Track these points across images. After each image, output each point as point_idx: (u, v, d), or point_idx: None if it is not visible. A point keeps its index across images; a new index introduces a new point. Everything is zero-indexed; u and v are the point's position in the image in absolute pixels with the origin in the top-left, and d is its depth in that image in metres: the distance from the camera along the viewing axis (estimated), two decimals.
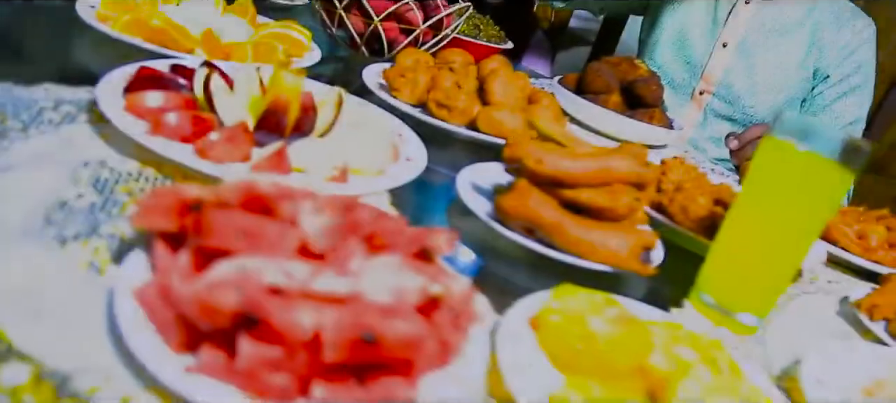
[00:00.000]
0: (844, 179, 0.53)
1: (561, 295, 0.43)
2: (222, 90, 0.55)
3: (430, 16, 0.91)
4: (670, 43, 1.37)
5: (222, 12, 0.86)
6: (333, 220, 0.33)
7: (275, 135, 0.55)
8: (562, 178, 0.54)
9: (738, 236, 0.56)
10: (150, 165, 0.51)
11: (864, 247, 0.84)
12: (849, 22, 1.28)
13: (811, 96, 1.32)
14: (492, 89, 0.77)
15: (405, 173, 0.57)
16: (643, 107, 1.03)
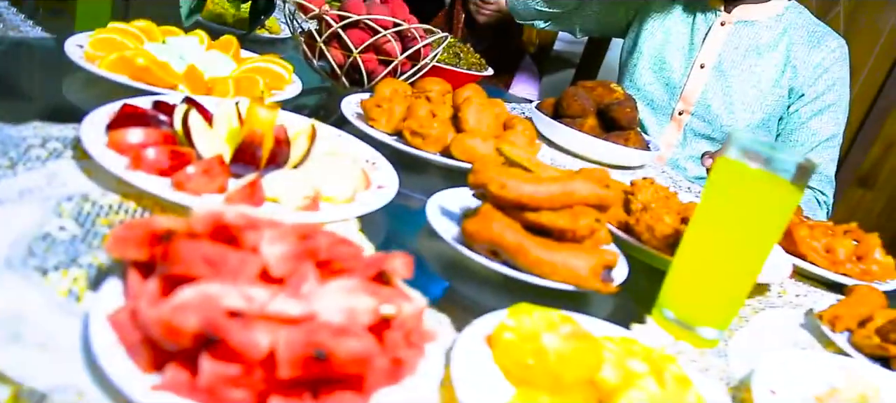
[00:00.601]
0: (793, 196, 0.56)
1: (516, 314, 0.45)
2: (200, 125, 0.58)
3: (407, 47, 0.95)
4: (649, 65, 1.41)
5: (207, 48, 0.89)
6: (291, 248, 0.36)
7: (251, 167, 0.58)
8: (524, 202, 0.57)
9: (696, 253, 0.59)
10: (131, 198, 0.54)
11: (831, 261, 0.87)
12: (821, 42, 1.32)
13: (787, 114, 1.35)
14: (465, 117, 0.80)
15: (375, 200, 0.59)
16: (618, 130, 1.06)
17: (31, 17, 1.09)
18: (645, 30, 1.43)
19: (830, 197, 1.39)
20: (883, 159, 2.75)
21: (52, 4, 1.32)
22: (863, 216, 2.84)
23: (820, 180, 1.35)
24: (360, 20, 0.89)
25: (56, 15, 1.27)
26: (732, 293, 0.59)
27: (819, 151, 1.34)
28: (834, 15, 2.77)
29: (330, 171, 0.59)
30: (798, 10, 1.36)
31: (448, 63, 1.15)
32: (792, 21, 1.34)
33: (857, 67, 2.77)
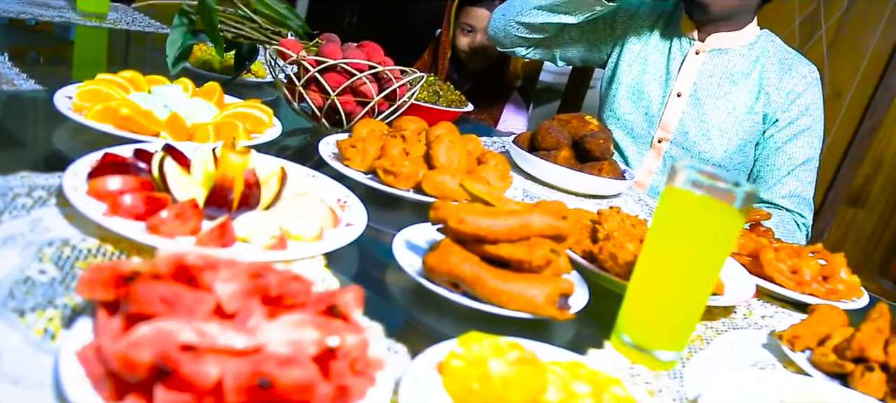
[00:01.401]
0: (737, 221, 0.59)
1: (466, 342, 0.48)
2: (175, 171, 0.61)
3: (384, 87, 0.99)
4: (628, 95, 1.45)
5: (191, 95, 0.94)
6: (242, 286, 0.39)
7: (224, 209, 0.61)
8: (483, 235, 0.60)
9: (648, 279, 0.61)
10: (109, 242, 0.57)
11: (797, 282, 0.89)
12: (792, 68, 1.36)
13: (763, 139, 1.39)
14: (436, 154, 0.84)
15: (341, 238, 0.62)
16: (593, 160, 1.10)
17: (33, 66, 1.15)
18: (623, 60, 1.47)
19: (809, 219, 1.41)
20: (873, 178, 2.78)
21: (52, 54, 1.38)
22: (855, 235, 2.86)
23: (798, 203, 1.38)
24: (337, 64, 0.93)
25: (56, 64, 1.33)
26: (685, 315, 0.62)
27: (796, 175, 1.37)
28: (816, 39, 2.83)
29: (298, 211, 0.62)
30: (770, 38, 1.40)
31: (428, 101, 1.19)
32: (764, 49, 1.38)
33: (842, 89, 2.82)
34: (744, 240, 0.95)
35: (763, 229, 1.05)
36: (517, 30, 1.47)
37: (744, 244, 0.95)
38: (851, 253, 2.87)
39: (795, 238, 1.37)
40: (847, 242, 2.87)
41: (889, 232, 2.86)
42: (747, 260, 0.93)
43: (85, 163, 0.65)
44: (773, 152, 1.38)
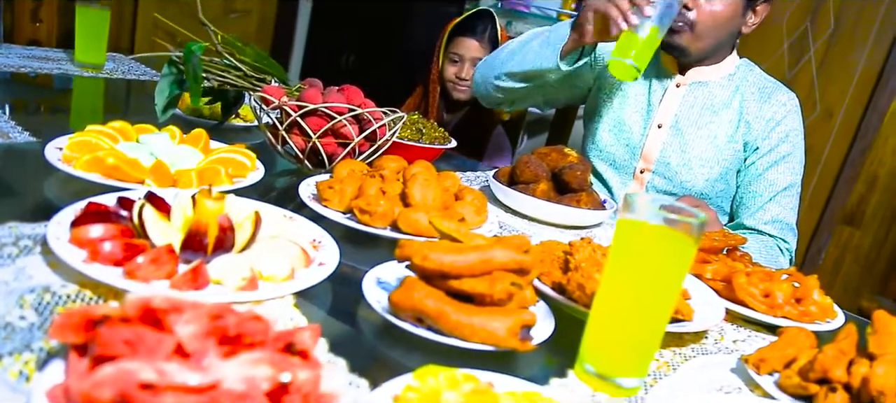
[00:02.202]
0: (690, 248, 0.61)
1: (422, 375, 0.51)
2: (152, 217, 0.65)
3: (364, 128, 1.02)
4: (609, 128, 1.48)
5: (178, 142, 0.98)
6: (202, 327, 0.42)
7: (199, 253, 0.65)
8: (447, 271, 0.63)
9: (607, 307, 0.64)
10: (88, 288, 0.60)
11: (769, 305, 0.91)
12: (772, 96, 1.39)
13: (744, 167, 1.41)
14: (411, 192, 0.87)
15: (311, 277, 0.65)
16: (571, 192, 1.12)
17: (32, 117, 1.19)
18: (604, 93, 1.51)
19: (793, 244, 1.43)
20: (867, 197, 2.79)
21: (51, 105, 1.43)
22: (852, 254, 2.86)
23: (781, 228, 1.40)
24: (317, 108, 0.97)
25: (55, 114, 1.38)
26: (644, 342, 0.64)
27: (778, 201, 1.39)
28: (806, 61, 2.88)
29: (270, 253, 0.65)
30: (749, 67, 1.44)
31: (411, 139, 1.23)
32: (743, 78, 1.41)
33: (833, 109, 2.86)
34: (717, 266, 0.97)
35: (739, 254, 1.07)
36: (496, 90, 1.47)
37: (717, 269, 0.97)
38: (850, 273, 2.89)
39: (779, 263, 1.38)
40: (845, 262, 2.88)
41: (886, 250, 2.87)
42: (721, 285, 0.95)
43: (69, 212, 0.68)
44: (755, 179, 1.40)
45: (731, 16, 1.30)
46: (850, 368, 0.71)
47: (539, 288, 0.76)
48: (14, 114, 1.14)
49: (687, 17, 1.29)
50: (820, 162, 2.88)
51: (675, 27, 1.30)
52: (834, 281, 2.92)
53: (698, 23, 1.29)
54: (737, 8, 1.30)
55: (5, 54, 1.52)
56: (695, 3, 1.28)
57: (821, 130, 2.86)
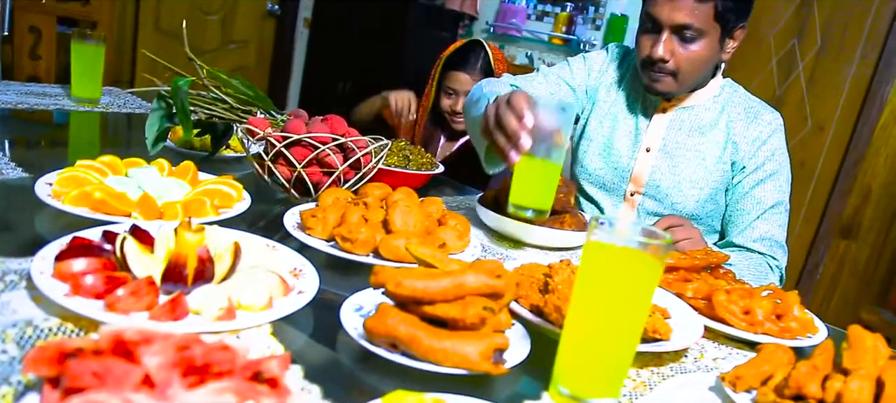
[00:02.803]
0: (656, 268, 0.63)
1: (391, 400, 0.52)
2: (134, 250, 0.67)
3: (348, 157, 1.05)
4: (599, 152, 1.50)
5: (167, 174, 1.00)
6: (169, 357, 0.44)
7: (180, 285, 0.66)
8: (420, 297, 0.64)
9: (577, 329, 0.65)
10: (69, 321, 0.62)
11: (749, 322, 0.92)
12: (757, 117, 1.40)
13: (732, 186, 1.42)
14: (392, 219, 0.88)
15: (289, 306, 0.67)
16: (554, 214, 1.14)
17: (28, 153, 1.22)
18: (593, 119, 1.53)
19: (783, 261, 1.42)
20: (862, 209, 2.80)
21: (50, 139, 1.46)
22: (850, 267, 2.86)
23: (770, 246, 1.40)
24: (301, 138, 0.99)
25: (55, 147, 1.41)
26: (614, 362, 0.65)
27: (766, 218, 1.39)
28: (795, 77, 2.91)
29: (249, 282, 0.67)
30: (733, 88, 1.46)
31: (398, 166, 1.25)
32: (729, 99, 1.43)
33: (824, 123, 2.88)
34: (698, 284, 0.98)
35: (723, 271, 1.08)
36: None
37: (698, 287, 0.98)
38: (848, 286, 2.89)
39: (769, 280, 1.39)
40: (843, 275, 2.88)
41: (884, 261, 2.87)
42: (702, 303, 0.96)
43: (55, 247, 0.70)
44: (742, 197, 1.41)
45: (710, 53, 1.31)
46: (825, 384, 0.72)
47: (516, 311, 0.77)
48: (11, 150, 1.17)
49: (666, 69, 1.30)
50: (813, 176, 2.90)
51: (655, 77, 1.32)
52: (833, 295, 2.92)
53: (679, 70, 1.30)
54: (714, 43, 1.30)
55: (3, 91, 1.56)
56: (671, 53, 1.29)
57: (813, 145, 2.88)
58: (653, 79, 1.34)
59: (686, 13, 1.24)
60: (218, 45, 3.47)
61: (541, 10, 3.45)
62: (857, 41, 2.74)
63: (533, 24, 3.45)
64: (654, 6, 1.28)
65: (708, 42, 1.29)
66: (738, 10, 1.28)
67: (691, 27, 1.26)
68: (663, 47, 1.27)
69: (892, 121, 2.71)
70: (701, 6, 1.24)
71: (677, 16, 1.25)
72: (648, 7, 1.30)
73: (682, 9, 1.24)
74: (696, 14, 1.24)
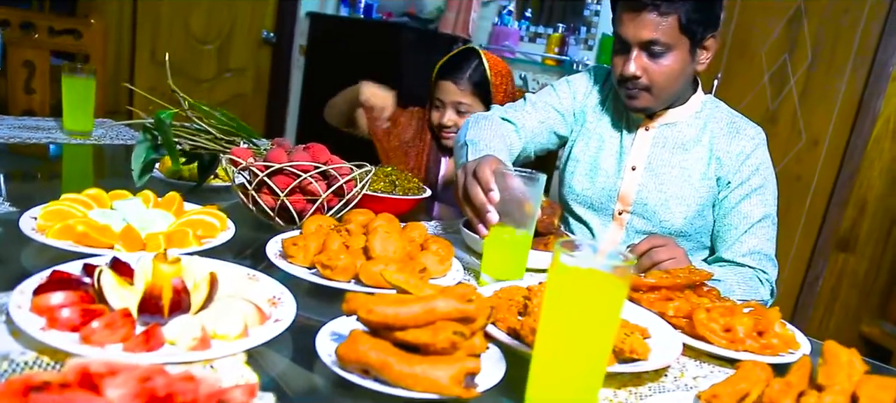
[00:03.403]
0: (620, 288, 0.63)
1: None
2: (111, 282, 0.68)
3: (331, 184, 1.06)
4: (585, 172, 1.51)
5: (152, 206, 1.01)
6: (131, 389, 0.44)
7: (157, 316, 0.67)
8: (391, 323, 0.65)
9: (545, 350, 0.66)
10: (46, 354, 0.63)
11: (730, 340, 0.92)
12: (740, 132, 1.41)
13: (718, 201, 1.43)
14: (372, 245, 0.90)
15: (265, 334, 0.68)
16: (539, 236, 1.15)
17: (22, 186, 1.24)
18: (580, 140, 1.54)
19: (772, 275, 1.42)
20: (859, 221, 2.80)
21: (40, 172, 1.48)
22: (849, 279, 2.85)
23: (759, 259, 1.40)
24: (283, 167, 1.01)
25: (43, 180, 1.43)
26: (583, 382, 0.65)
27: (753, 233, 1.40)
28: (787, 92, 2.92)
29: (224, 312, 0.68)
30: (715, 104, 1.47)
31: (384, 191, 1.26)
32: (711, 115, 1.44)
33: (818, 137, 2.89)
34: (679, 302, 0.99)
35: (707, 289, 1.09)
36: None
37: (679, 306, 0.98)
38: (848, 299, 2.88)
39: (759, 294, 1.39)
40: (842, 288, 2.87)
41: (883, 273, 2.86)
42: (684, 322, 0.97)
43: (34, 281, 0.71)
44: (729, 213, 1.41)
45: (682, 65, 1.32)
46: (799, 400, 0.72)
47: (493, 334, 0.78)
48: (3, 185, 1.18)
49: (639, 84, 1.32)
50: (809, 190, 2.90)
51: (631, 93, 1.34)
52: (833, 308, 2.91)
53: (653, 85, 1.32)
54: (685, 55, 1.31)
55: None
56: (643, 69, 1.30)
57: (808, 159, 2.89)
58: (630, 96, 1.35)
59: (650, 29, 1.26)
60: (215, 74, 3.52)
61: (533, 31, 3.49)
62: (848, 55, 2.76)
63: (526, 46, 3.48)
64: (621, 26, 1.30)
65: (678, 54, 1.30)
66: (703, 20, 1.29)
67: (658, 42, 1.27)
68: (634, 64, 1.29)
69: (884, 133, 2.72)
70: (664, 20, 1.26)
71: (642, 33, 1.27)
72: (616, 27, 1.32)
73: (646, 25, 1.26)
74: (660, 29, 1.26)
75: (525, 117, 1.48)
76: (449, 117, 1.73)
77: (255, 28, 3.71)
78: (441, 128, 1.76)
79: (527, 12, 3.51)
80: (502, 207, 0.96)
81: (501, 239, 0.98)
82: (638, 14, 1.26)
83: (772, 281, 1.43)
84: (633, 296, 1.04)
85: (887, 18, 2.63)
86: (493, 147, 1.25)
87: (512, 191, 0.96)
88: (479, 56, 1.71)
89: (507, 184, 0.96)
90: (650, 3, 1.25)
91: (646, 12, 1.25)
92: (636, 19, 1.27)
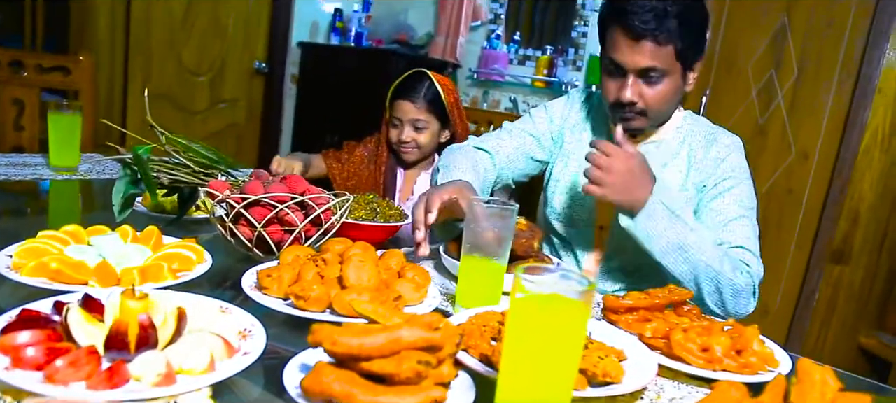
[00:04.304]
0: (583, 311, 0.64)
1: None
2: (78, 320, 0.68)
3: (308, 214, 1.06)
4: (565, 190, 1.52)
5: (131, 240, 1.02)
6: None
7: (124, 352, 0.67)
8: (356, 354, 0.65)
9: (510, 375, 0.66)
10: (9, 394, 0.63)
11: (708, 360, 0.92)
12: (716, 140, 1.43)
13: (697, 206, 1.42)
14: (346, 275, 0.90)
15: (231, 368, 0.68)
16: (517, 259, 1.15)
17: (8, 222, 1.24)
18: (560, 162, 1.55)
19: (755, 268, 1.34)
20: (852, 233, 2.79)
21: (29, 207, 1.49)
22: (846, 292, 2.84)
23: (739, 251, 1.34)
24: (259, 199, 1.01)
25: (32, 215, 1.43)
26: None
27: (730, 229, 1.35)
28: (775, 106, 2.94)
29: (191, 346, 0.68)
30: (695, 119, 1.48)
31: (365, 219, 1.27)
32: (690, 129, 1.45)
33: (808, 151, 2.90)
34: (657, 324, 0.99)
35: (686, 308, 1.09)
36: None
37: (657, 327, 0.98)
38: (845, 311, 2.86)
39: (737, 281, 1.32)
40: (839, 300, 2.85)
41: (878, 284, 2.85)
42: (662, 343, 0.96)
43: (2, 320, 0.71)
44: (703, 212, 1.40)
45: (676, 89, 1.34)
46: None
47: (464, 361, 0.78)
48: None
49: (636, 109, 1.33)
50: (802, 203, 2.90)
51: (627, 117, 1.34)
52: (831, 320, 2.89)
53: (649, 108, 1.33)
54: (677, 80, 1.33)
55: None
56: (639, 95, 1.31)
57: (799, 172, 2.90)
58: (624, 119, 1.35)
59: (648, 57, 1.27)
60: (208, 106, 3.54)
61: (522, 54, 3.52)
62: (833, 68, 2.78)
63: (515, 69, 3.51)
64: (617, 52, 1.30)
65: (672, 80, 1.32)
66: (696, 46, 1.32)
67: (656, 69, 1.28)
68: (631, 91, 1.30)
69: (873, 144, 2.73)
70: (662, 49, 1.27)
71: (641, 61, 1.28)
72: (611, 53, 1.32)
73: (645, 53, 1.27)
74: (657, 56, 1.27)
75: (500, 145, 1.50)
76: (407, 134, 1.88)
77: (247, 59, 3.75)
78: (401, 143, 1.90)
79: (516, 35, 3.54)
80: (474, 237, 0.97)
81: (474, 269, 0.98)
82: (637, 42, 1.27)
83: (752, 274, 1.36)
84: (611, 318, 1.04)
85: (870, 31, 2.65)
86: (462, 170, 1.27)
87: (483, 221, 0.97)
88: (430, 77, 1.88)
89: (477, 213, 0.97)
90: (650, 34, 1.25)
91: (645, 41, 1.26)
92: (635, 47, 1.27)
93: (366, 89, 3.56)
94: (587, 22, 3.33)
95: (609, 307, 1.04)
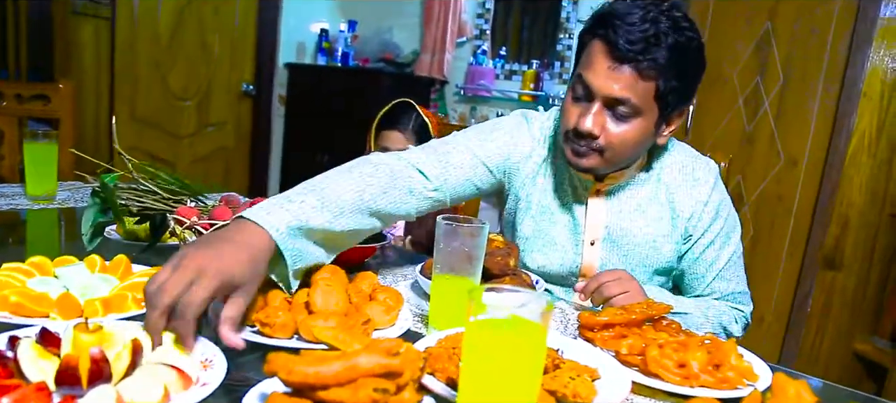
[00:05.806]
0: (541, 333, 0.62)
1: None
2: (28, 355, 0.66)
3: None
4: (539, 247, 1.37)
5: (98, 270, 1.00)
6: None
7: (76, 387, 0.66)
8: (311, 383, 0.64)
9: (470, 400, 0.64)
10: None
11: (684, 376, 0.90)
12: (696, 179, 1.31)
13: (685, 254, 1.35)
14: (312, 300, 0.88)
15: (187, 400, 0.66)
16: (493, 278, 1.14)
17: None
18: (525, 219, 1.38)
19: (748, 310, 1.37)
20: (843, 238, 2.78)
21: (10, 237, 1.47)
22: (839, 297, 2.82)
23: (733, 299, 1.35)
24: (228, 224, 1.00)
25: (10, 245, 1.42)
26: None
27: (722, 277, 1.34)
28: (762, 113, 2.94)
29: (144, 379, 0.66)
30: (664, 149, 1.34)
31: None
32: (662, 163, 1.33)
33: (796, 157, 2.89)
34: (632, 340, 0.97)
35: (666, 323, 1.07)
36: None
37: (632, 344, 0.96)
38: (840, 317, 2.84)
39: (730, 330, 1.33)
40: (833, 306, 2.84)
41: (871, 288, 2.83)
42: (639, 359, 0.95)
43: None
44: (695, 263, 1.34)
45: (643, 135, 1.18)
46: None
47: (428, 386, 0.76)
48: None
49: (592, 144, 1.17)
50: (792, 210, 2.90)
51: (579, 150, 1.19)
52: (826, 326, 2.87)
53: (607, 148, 1.17)
54: (649, 125, 1.17)
55: None
56: (601, 128, 1.15)
57: (787, 179, 2.89)
58: (576, 153, 1.20)
59: (623, 86, 1.12)
60: (195, 130, 3.53)
61: (508, 69, 3.53)
62: (818, 74, 2.79)
63: (502, 84, 3.52)
64: (591, 72, 1.14)
65: (642, 123, 1.16)
66: (680, 93, 1.17)
67: (627, 103, 1.13)
68: (592, 120, 1.14)
69: (860, 148, 2.72)
70: (641, 82, 1.11)
71: (613, 88, 1.12)
72: (584, 70, 1.16)
73: (621, 81, 1.11)
74: (634, 89, 1.12)
75: (455, 156, 1.23)
76: None
77: (234, 81, 3.75)
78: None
79: (502, 50, 3.55)
80: (445, 257, 0.95)
81: (447, 290, 0.97)
82: (616, 65, 1.11)
83: (747, 316, 1.38)
84: (586, 335, 1.02)
85: (853, 35, 2.66)
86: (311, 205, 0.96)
87: (453, 240, 0.95)
88: (415, 108, 1.90)
89: (446, 232, 0.95)
90: (633, 59, 1.10)
91: (625, 65, 1.10)
92: (613, 70, 1.11)
93: (354, 108, 3.56)
94: (572, 34, 3.34)
95: (584, 324, 1.02)
